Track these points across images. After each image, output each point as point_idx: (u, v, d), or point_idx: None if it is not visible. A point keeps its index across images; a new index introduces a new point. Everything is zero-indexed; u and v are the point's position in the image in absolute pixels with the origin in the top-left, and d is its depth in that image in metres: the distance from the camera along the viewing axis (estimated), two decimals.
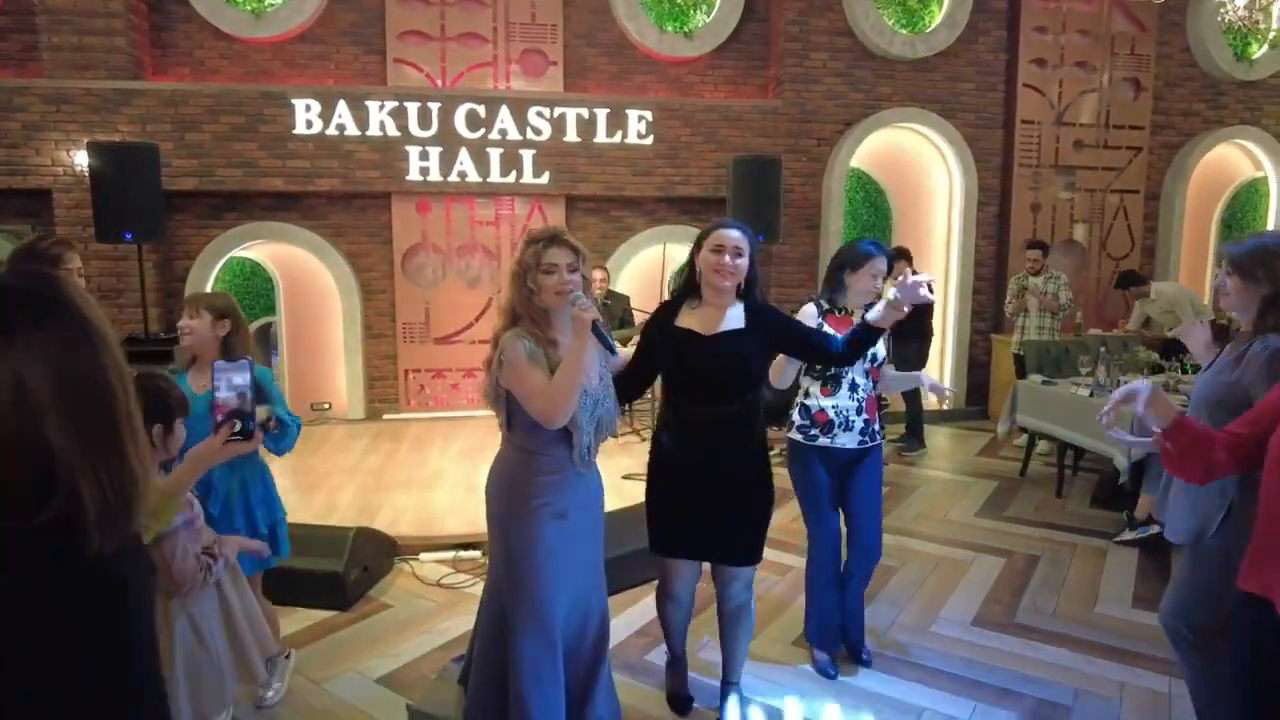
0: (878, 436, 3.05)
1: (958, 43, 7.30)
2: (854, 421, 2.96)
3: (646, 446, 5.23)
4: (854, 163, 7.33)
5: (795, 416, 3.04)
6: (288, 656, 3.02)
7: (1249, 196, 8.32)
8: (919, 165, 7.60)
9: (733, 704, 2.78)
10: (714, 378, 2.52)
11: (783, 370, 2.85)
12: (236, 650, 2.06)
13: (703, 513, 2.54)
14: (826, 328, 2.88)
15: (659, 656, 3.22)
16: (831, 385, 2.97)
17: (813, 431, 2.98)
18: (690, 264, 2.60)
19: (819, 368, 2.94)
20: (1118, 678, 3.10)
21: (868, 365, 2.96)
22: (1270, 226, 8.27)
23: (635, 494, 4.68)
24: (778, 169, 6.38)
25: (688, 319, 2.55)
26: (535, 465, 2.28)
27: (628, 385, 2.58)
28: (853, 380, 2.96)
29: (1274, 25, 5.87)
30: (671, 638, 2.86)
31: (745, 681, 2.90)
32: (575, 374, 2.13)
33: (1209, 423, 2.10)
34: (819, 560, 3.08)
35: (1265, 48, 7.85)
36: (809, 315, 2.95)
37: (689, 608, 2.80)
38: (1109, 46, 7.61)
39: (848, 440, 2.97)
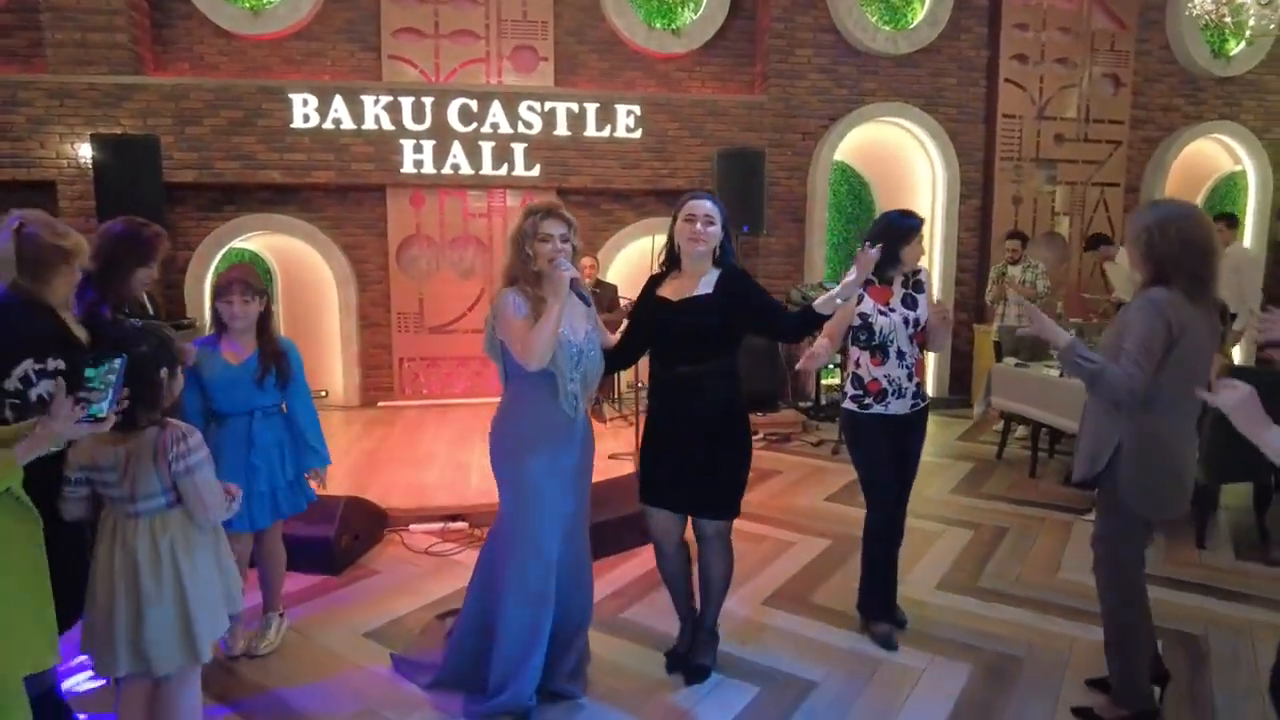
0: (926, 399, 3.15)
1: (940, 39, 7.48)
2: (906, 388, 3.05)
3: (633, 432, 5.40)
4: (838, 156, 7.50)
5: (849, 387, 3.13)
6: (282, 614, 3.18)
7: (1228, 190, 8.48)
8: (902, 159, 7.76)
9: (708, 650, 2.92)
10: (678, 341, 2.70)
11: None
12: (224, 580, 2.22)
13: (679, 466, 2.71)
14: (868, 300, 3.01)
15: (635, 615, 3.39)
16: (880, 355, 3.02)
17: (867, 400, 3.05)
18: (669, 238, 2.78)
19: (862, 338, 3.04)
20: (1070, 633, 3.24)
21: (911, 330, 3.04)
22: (1249, 219, 8.43)
23: (619, 471, 4.85)
24: (762, 162, 6.55)
25: (665, 289, 2.76)
26: (529, 410, 2.56)
27: (620, 353, 2.81)
28: (899, 349, 3.03)
29: (1249, 22, 6.03)
30: (675, 599, 2.97)
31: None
32: (551, 322, 2.41)
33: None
34: (876, 531, 3.15)
35: (1242, 45, 8.03)
36: None
37: (679, 563, 2.91)
38: (1089, 43, 7.78)
39: (900, 406, 3.05)
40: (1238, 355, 7.40)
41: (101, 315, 2.46)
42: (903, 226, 3.03)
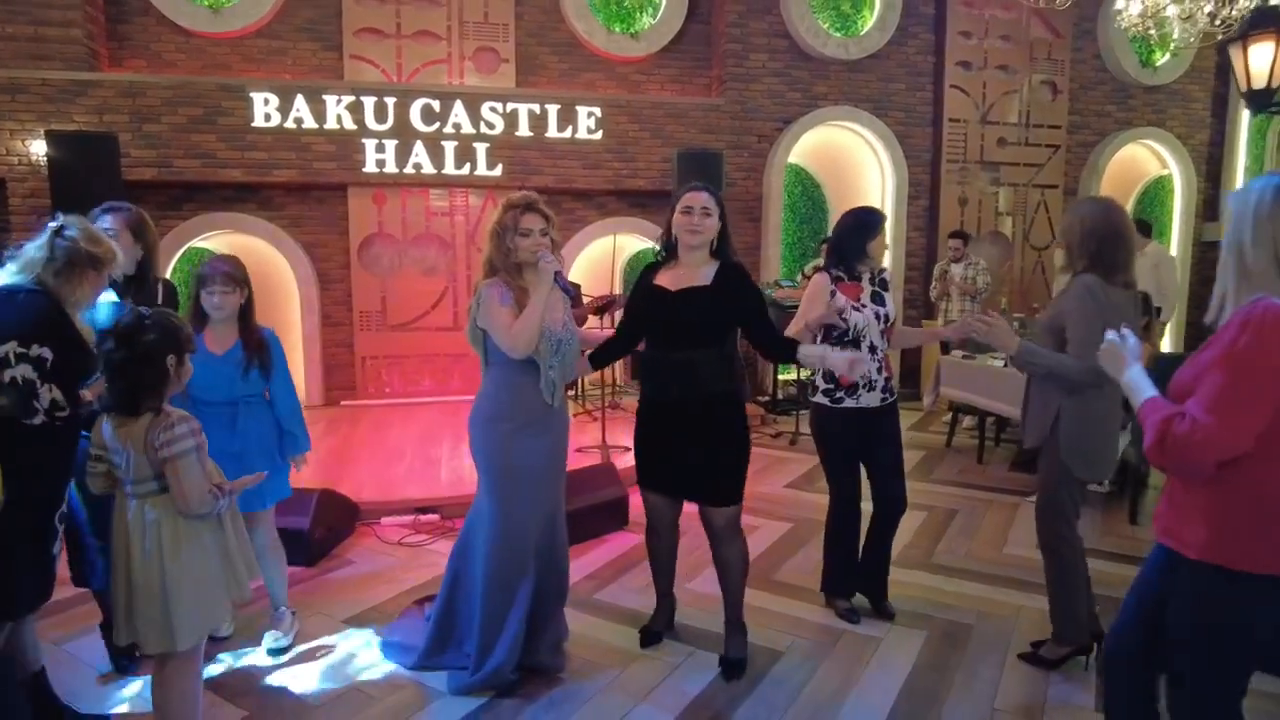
0: (895, 393, 3.26)
1: (888, 45, 7.78)
2: (876, 381, 3.15)
3: (598, 427, 5.53)
4: (792, 158, 7.74)
5: (819, 381, 3.22)
6: (294, 612, 3.18)
7: (1156, 192, 8.96)
8: (853, 161, 8.04)
9: (736, 640, 2.94)
10: (676, 329, 2.75)
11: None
12: (229, 572, 2.27)
13: (676, 451, 2.78)
14: (840, 296, 3.09)
15: (609, 595, 3.52)
16: (851, 349, 3.02)
17: (838, 394, 3.15)
18: (667, 228, 2.83)
19: (835, 335, 3.12)
20: (1016, 602, 3.48)
21: (882, 326, 3.15)
22: (1175, 220, 8.92)
23: (587, 462, 4.98)
24: (720, 163, 6.75)
25: (663, 278, 2.80)
26: (508, 396, 2.67)
27: (617, 342, 2.92)
28: (870, 343, 3.12)
29: (1173, 35, 6.40)
30: (656, 575, 3.11)
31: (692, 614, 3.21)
32: (536, 312, 2.53)
33: (1052, 348, 2.71)
34: (838, 513, 3.28)
35: (1167, 56, 8.50)
36: (822, 286, 3.12)
37: (669, 543, 3.03)
38: (1028, 51, 8.16)
39: (871, 399, 3.14)
40: (1166, 345, 7.83)
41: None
42: (870, 221, 3.17)
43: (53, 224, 2.19)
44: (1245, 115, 8.70)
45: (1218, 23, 5.86)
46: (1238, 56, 3.24)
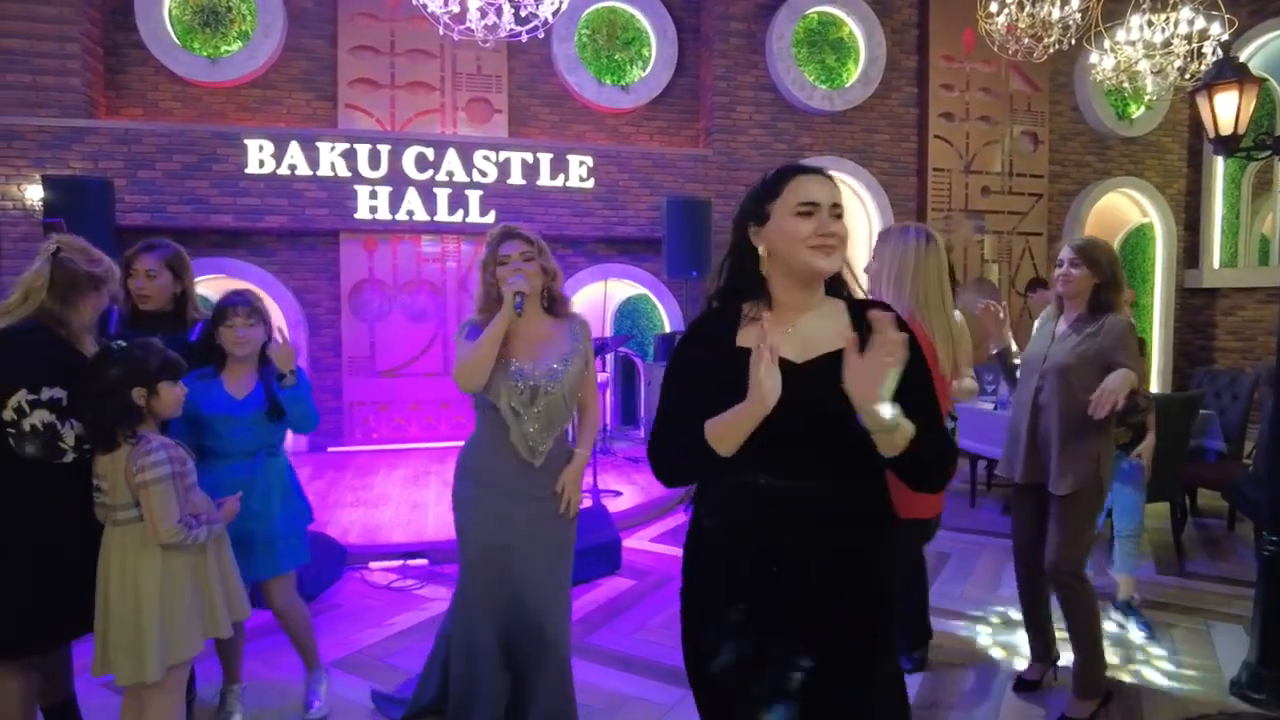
0: None
1: (872, 98, 7.98)
2: None
3: (589, 469, 5.50)
4: None
5: None
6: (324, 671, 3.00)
7: (1138, 240, 9.13)
8: None
9: None
10: (822, 431, 1.45)
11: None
12: (208, 604, 2.23)
13: (791, 689, 1.45)
14: None
15: (600, 640, 3.46)
16: None
17: None
18: (739, 248, 1.58)
19: None
20: (1012, 643, 3.44)
21: None
22: (1158, 266, 9.08)
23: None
24: (708, 211, 6.86)
25: (748, 334, 1.51)
26: (478, 443, 2.49)
27: (672, 430, 1.53)
28: None
29: (1147, 89, 6.62)
30: None
31: None
32: (486, 344, 2.28)
33: (1057, 383, 2.67)
34: None
35: (1142, 109, 8.76)
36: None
37: None
38: (1008, 103, 8.39)
39: None
40: (1154, 387, 7.88)
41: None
42: None
43: (49, 245, 2.20)
44: (1220, 165, 8.93)
45: (1188, 76, 6.09)
46: (1204, 104, 3.34)
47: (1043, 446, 2.76)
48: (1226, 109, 3.19)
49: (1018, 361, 3.02)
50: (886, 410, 1.32)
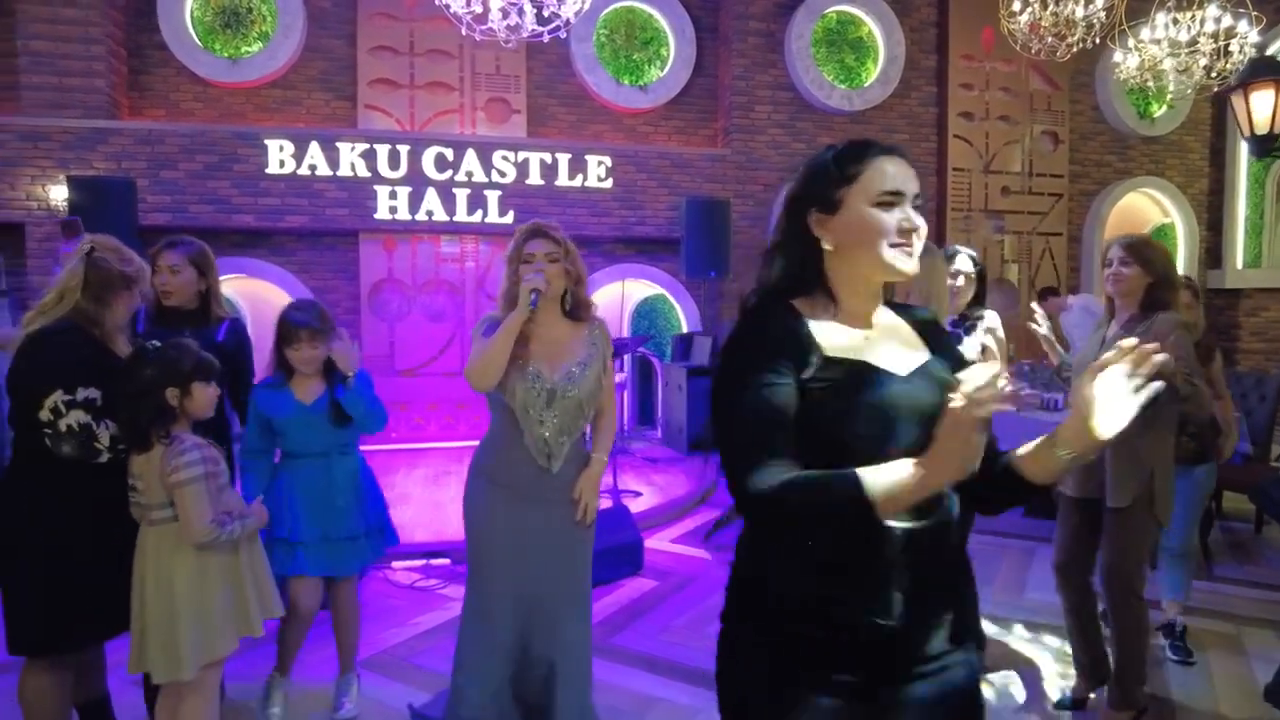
0: None
1: (891, 97, 7.94)
2: None
3: (609, 470, 5.49)
4: None
5: None
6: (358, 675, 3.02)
7: (1160, 240, 9.04)
8: None
9: None
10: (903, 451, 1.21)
11: None
12: (240, 603, 2.24)
13: None
14: None
15: (624, 641, 3.45)
16: None
17: None
18: (795, 238, 1.33)
19: None
20: (1039, 647, 3.41)
21: None
22: (1180, 269, 8.97)
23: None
24: (727, 210, 6.84)
25: (831, 335, 1.27)
26: (492, 443, 2.45)
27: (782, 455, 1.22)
28: None
29: (1170, 88, 6.56)
30: None
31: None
32: (499, 341, 2.24)
33: None
34: None
35: (1164, 108, 8.68)
36: None
37: None
38: (1028, 103, 8.32)
39: None
40: None
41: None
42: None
43: (83, 246, 2.21)
44: (1244, 165, 8.83)
45: (1213, 75, 6.02)
46: (1240, 103, 3.30)
47: (1095, 458, 2.71)
48: (1263, 108, 3.15)
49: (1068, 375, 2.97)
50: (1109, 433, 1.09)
